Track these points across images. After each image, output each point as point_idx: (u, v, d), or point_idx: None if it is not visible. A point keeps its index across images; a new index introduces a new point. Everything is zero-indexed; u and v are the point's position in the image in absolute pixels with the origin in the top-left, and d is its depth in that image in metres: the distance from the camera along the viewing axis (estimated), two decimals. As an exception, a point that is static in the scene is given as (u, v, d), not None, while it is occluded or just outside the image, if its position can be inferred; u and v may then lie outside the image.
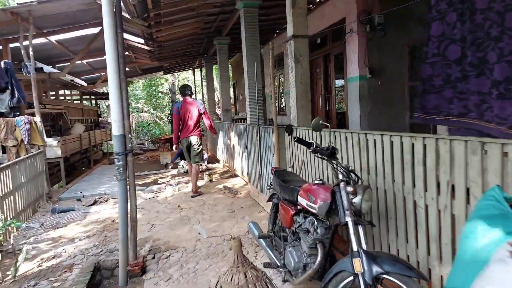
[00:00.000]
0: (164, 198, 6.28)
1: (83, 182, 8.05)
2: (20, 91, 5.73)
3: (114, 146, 3.43)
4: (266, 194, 4.92)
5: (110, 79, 3.36)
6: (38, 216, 5.69)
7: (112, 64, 3.36)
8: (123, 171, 3.44)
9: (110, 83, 3.36)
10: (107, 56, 3.32)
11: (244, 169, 6.52)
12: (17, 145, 6.28)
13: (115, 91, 3.36)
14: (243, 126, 6.22)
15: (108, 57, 3.33)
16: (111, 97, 3.38)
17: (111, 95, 3.38)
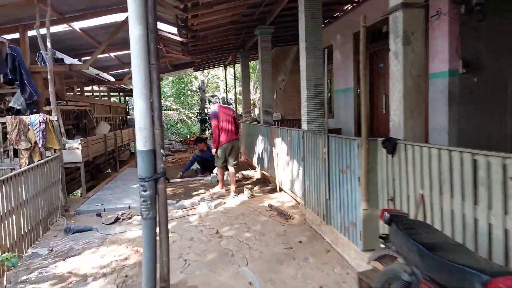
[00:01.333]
0: (198, 219, 5.16)
1: (106, 190, 7.09)
2: (31, 84, 4.77)
3: (139, 167, 2.30)
4: (339, 229, 3.67)
5: (135, 65, 2.23)
6: (50, 236, 4.71)
7: (137, 42, 2.23)
8: (150, 206, 2.31)
9: (135, 72, 2.24)
10: (130, 28, 2.20)
11: (295, 186, 5.30)
12: (30, 148, 5.35)
13: (141, 84, 2.23)
14: (298, 132, 5.00)
15: (132, 31, 2.21)
16: (135, 94, 2.26)
17: (136, 90, 2.25)
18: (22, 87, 4.57)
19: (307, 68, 4.78)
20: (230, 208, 5.52)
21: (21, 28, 6.01)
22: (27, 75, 4.66)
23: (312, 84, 4.81)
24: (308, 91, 4.81)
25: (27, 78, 4.59)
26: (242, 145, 10.62)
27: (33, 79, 4.87)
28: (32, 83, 4.79)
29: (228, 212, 5.33)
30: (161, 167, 2.32)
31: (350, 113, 8.18)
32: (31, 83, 4.72)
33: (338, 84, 8.83)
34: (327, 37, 9.19)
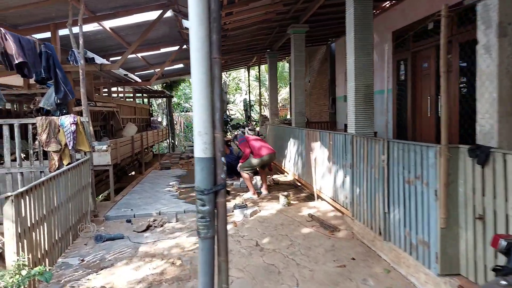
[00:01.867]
0: (233, 228, 4.82)
1: (134, 194, 6.86)
2: (66, 83, 4.55)
3: (197, 177, 1.97)
4: (401, 247, 3.25)
5: (194, 60, 1.90)
6: (80, 244, 4.46)
7: (197, 32, 1.90)
8: (209, 223, 1.96)
9: (194, 67, 1.90)
10: (190, 16, 1.86)
11: (339, 195, 4.90)
12: (60, 151, 5.15)
13: (201, 81, 1.89)
14: (344, 136, 4.61)
15: (191, 18, 1.88)
16: (194, 92, 1.92)
17: (195, 88, 1.91)
18: (57, 86, 4.35)
19: (356, 67, 4.39)
20: (266, 217, 5.16)
21: (53, 26, 5.84)
22: (62, 74, 4.45)
23: (361, 84, 4.41)
24: (357, 91, 4.41)
25: (62, 77, 4.37)
26: (270, 149, 10.27)
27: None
28: (67, 82, 4.57)
29: (265, 222, 4.98)
30: (222, 177, 1.97)
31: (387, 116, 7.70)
32: (66, 82, 4.51)
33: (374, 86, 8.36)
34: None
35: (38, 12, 5.67)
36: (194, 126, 1.97)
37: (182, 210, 5.59)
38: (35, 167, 5.20)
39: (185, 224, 5.07)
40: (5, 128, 5.05)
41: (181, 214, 5.46)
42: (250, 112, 15.91)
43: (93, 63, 6.09)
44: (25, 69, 4.05)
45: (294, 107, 7.71)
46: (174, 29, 8.05)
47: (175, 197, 6.57)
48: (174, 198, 6.51)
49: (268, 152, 6.26)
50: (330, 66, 11.21)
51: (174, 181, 7.92)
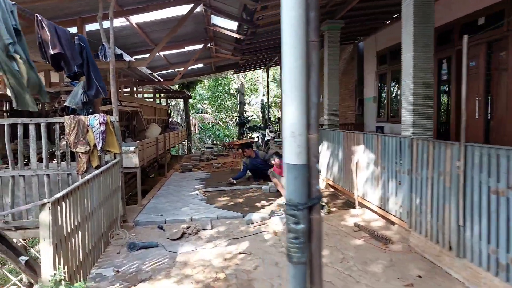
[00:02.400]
0: (274, 237, 4.46)
1: (160, 198, 6.55)
2: (99, 80, 4.24)
3: (288, 188, 1.61)
4: (482, 265, 2.84)
5: (287, 44, 1.55)
6: (112, 252, 4.15)
7: (292, 9, 1.55)
8: (303, 246, 1.61)
9: (286, 53, 1.56)
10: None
11: (389, 203, 4.49)
12: (89, 152, 4.85)
13: (294, 70, 1.55)
14: (397, 139, 4.21)
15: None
16: (285, 84, 1.57)
17: (287, 79, 1.57)
18: (89, 82, 4.05)
19: (415, 63, 3.99)
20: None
21: (79, 21, 5.57)
22: (95, 69, 4.14)
23: (420, 82, 4.01)
24: (415, 90, 4.01)
25: (95, 73, 4.07)
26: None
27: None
28: (100, 79, 4.27)
29: (307, 231, 4.60)
30: (317, 189, 1.62)
31: (426, 118, 7.25)
32: (99, 78, 4.20)
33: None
34: (395, 33, 8.34)
35: (65, 6, 5.40)
36: (284, 125, 1.61)
37: (215, 216, 5.25)
38: (62, 169, 4.91)
39: (221, 232, 4.72)
40: (31, 128, 4.78)
41: (214, 220, 5.12)
42: (268, 113, 15.53)
43: (122, 60, 5.80)
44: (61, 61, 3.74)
45: (328, 108, 7.32)
46: (200, 25, 7.75)
47: (204, 201, 6.24)
48: (203, 202, 6.18)
49: None
50: (358, 66, 10.78)
51: (199, 184, 7.60)
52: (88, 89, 4.17)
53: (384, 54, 9.01)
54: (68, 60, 3.73)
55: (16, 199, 5.03)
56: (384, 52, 8.99)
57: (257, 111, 23.64)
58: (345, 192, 6.09)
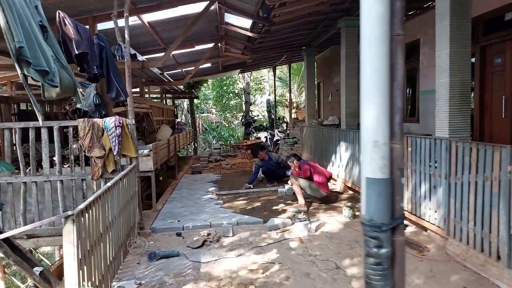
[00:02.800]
0: (301, 245, 4.24)
1: (174, 202, 6.34)
2: (120, 81, 4.01)
3: (367, 205, 1.39)
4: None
5: (367, 38, 1.34)
6: (132, 262, 3.94)
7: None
8: (387, 272, 1.39)
9: (366, 48, 1.35)
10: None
11: (420, 208, 4.28)
12: (104, 156, 4.64)
13: (377, 69, 1.34)
14: (432, 141, 3.99)
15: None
16: (365, 84, 1.36)
17: (367, 79, 1.36)
18: (109, 84, 3.82)
19: (451, 61, 3.76)
20: (335, 232, 4.57)
21: (91, 20, 5.36)
22: (115, 71, 3.91)
23: (457, 81, 3.78)
24: (452, 89, 3.78)
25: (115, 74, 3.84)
26: (307, 152, 9.66)
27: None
28: (120, 80, 4.04)
29: (334, 237, 4.39)
30: (401, 206, 1.40)
31: (446, 118, 7.01)
32: (119, 79, 3.98)
33: (426, 84, 7.69)
34: (411, 31, 8.11)
35: (76, 4, 5.18)
36: (363, 134, 1.40)
37: (234, 222, 5.04)
38: (77, 174, 4.71)
39: (243, 239, 4.51)
40: (43, 132, 4.59)
41: (234, 226, 4.91)
42: (275, 113, 15.29)
43: (136, 60, 5.59)
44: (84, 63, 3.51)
45: (345, 108, 7.10)
46: (212, 24, 7.54)
47: (220, 206, 6.03)
48: (219, 206, 5.97)
49: (327, 193, 5.82)
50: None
51: (212, 187, 7.39)
52: (108, 91, 3.94)
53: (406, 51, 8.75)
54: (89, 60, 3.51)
55: (28, 206, 4.83)
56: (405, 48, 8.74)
57: (262, 111, 23.41)
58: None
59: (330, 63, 14.04)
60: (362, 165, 1.41)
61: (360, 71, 1.40)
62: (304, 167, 5.71)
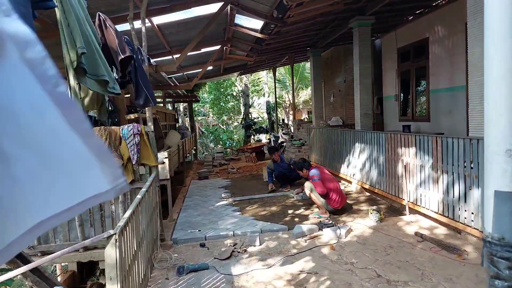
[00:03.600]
0: (333, 252, 4.09)
1: (190, 210, 6.14)
2: (148, 87, 3.79)
3: (498, 223, 1.24)
4: None
5: (496, 35, 1.20)
6: (160, 278, 3.74)
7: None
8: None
9: (494, 47, 1.21)
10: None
11: (454, 209, 4.16)
12: (122, 166, 4.44)
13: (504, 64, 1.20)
14: (466, 141, 3.87)
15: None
16: (491, 87, 1.22)
17: (494, 81, 1.22)
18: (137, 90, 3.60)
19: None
20: (365, 238, 4.43)
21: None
22: (143, 76, 3.70)
23: (494, 79, 3.67)
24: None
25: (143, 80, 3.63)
26: (316, 153, 9.53)
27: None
28: (149, 86, 3.82)
29: (367, 243, 4.25)
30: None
31: (460, 116, 6.96)
32: (148, 85, 3.76)
33: (437, 83, 7.63)
34: (420, 30, 8.05)
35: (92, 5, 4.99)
36: (490, 141, 1.25)
37: (258, 230, 4.87)
38: (94, 186, 4.48)
39: (271, 248, 4.34)
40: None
41: (260, 234, 4.74)
42: (276, 115, 15.16)
43: (150, 64, 5.39)
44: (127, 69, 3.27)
45: (360, 109, 6.98)
46: (220, 26, 7.37)
47: (238, 212, 5.86)
48: (237, 213, 5.79)
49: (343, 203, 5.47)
50: (374, 64, 10.48)
51: (225, 193, 7.19)
52: (136, 98, 3.73)
53: (407, 51, 8.71)
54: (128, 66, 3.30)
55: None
56: (407, 48, 8.68)
57: (261, 112, 23.26)
58: (387, 197, 5.75)
59: (331, 63, 13.98)
60: (487, 177, 1.25)
61: (485, 72, 1.26)
62: (316, 183, 5.32)
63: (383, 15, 7.15)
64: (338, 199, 5.33)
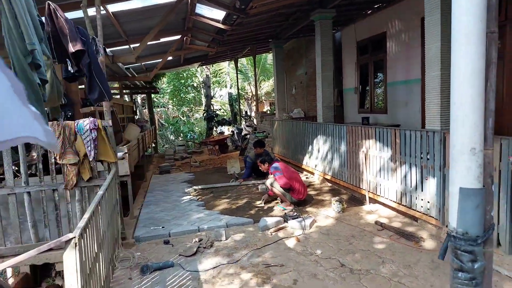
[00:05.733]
0: (298, 244, 4.15)
1: (152, 206, 5.96)
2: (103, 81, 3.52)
3: (462, 219, 1.29)
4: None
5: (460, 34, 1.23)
6: (123, 278, 3.60)
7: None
8: (480, 286, 1.31)
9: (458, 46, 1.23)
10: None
11: (410, 199, 4.37)
12: (79, 163, 4.19)
13: (471, 69, 1.24)
14: (423, 133, 4.06)
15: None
16: (456, 85, 1.26)
17: (458, 79, 1.26)
18: (91, 84, 3.33)
19: (442, 53, 3.82)
20: (328, 228, 4.54)
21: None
22: (98, 69, 3.42)
23: (447, 74, 3.86)
24: (443, 82, 3.85)
25: (98, 73, 3.36)
26: (279, 146, 9.61)
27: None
28: (104, 80, 3.55)
29: (330, 234, 4.36)
30: (491, 216, 1.32)
31: (415, 108, 7.30)
32: (103, 79, 3.49)
33: (394, 76, 7.94)
34: (378, 24, 8.30)
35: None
36: (456, 139, 1.29)
37: (224, 224, 4.83)
38: (47, 185, 4.20)
39: (238, 242, 4.33)
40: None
41: (225, 229, 4.70)
42: (239, 106, 15.08)
43: (106, 55, 5.08)
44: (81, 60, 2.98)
45: (322, 101, 7.09)
46: (180, 15, 7.12)
47: (203, 207, 5.77)
48: (202, 208, 5.71)
49: (306, 194, 5.58)
50: (334, 57, 10.68)
51: (188, 188, 7.05)
52: (90, 92, 3.48)
53: (366, 44, 8.96)
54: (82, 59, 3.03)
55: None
56: (365, 42, 8.94)
57: (223, 104, 23.03)
58: (348, 187, 5.94)
59: (292, 55, 14.09)
60: (453, 175, 1.30)
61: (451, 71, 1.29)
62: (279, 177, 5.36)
63: (343, 8, 7.27)
64: (302, 190, 5.43)
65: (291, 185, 5.36)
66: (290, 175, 5.48)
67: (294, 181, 5.41)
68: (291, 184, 5.36)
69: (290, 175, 5.47)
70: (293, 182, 5.39)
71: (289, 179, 5.37)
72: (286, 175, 5.43)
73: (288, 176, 5.41)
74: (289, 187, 5.36)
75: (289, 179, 5.37)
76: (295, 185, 5.39)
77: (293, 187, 5.38)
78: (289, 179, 5.36)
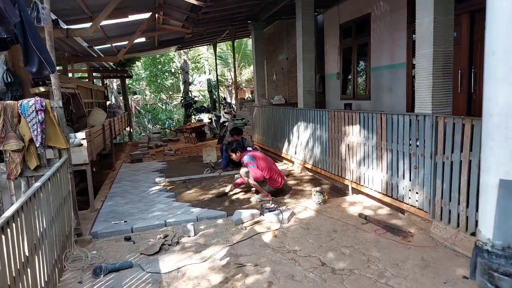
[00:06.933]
0: (275, 239, 3.75)
1: (116, 198, 5.43)
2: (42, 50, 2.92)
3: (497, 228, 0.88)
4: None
5: None
6: (72, 282, 3.10)
7: None
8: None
9: None
10: None
11: (396, 189, 4.04)
12: (23, 149, 3.63)
13: None
14: (412, 117, 3.70)
15: None
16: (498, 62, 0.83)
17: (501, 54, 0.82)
18: (27, 53, 2.74)
19: (435, 29, 3.44)
20: (309, 222, 4.16)
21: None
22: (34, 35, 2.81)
23: (440, 52, 3.49)
24: (435, 61, 3.48)
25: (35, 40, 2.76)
26: (259, 133, 9.17)
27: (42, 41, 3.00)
28: (43, 48, 2.95)
29: (310, 228, 3.97)
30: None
31: (399, 94, 6.98)
32: (42, 48, 2.90)
33: (378, 60, 7.58)
34: (362, 4, 7.90)
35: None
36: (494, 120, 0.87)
37: (194, 218, 4.38)
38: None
39: (208, 237, 3.89)
40: None
41: (195, 222, 4.24)
42: (218, 93, 14.50)
43: (58, 27, 4.45)
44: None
45: (303, 86, 6.66)
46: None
47: (173, 199, 5.29)
48: (172, 200, 5.23)
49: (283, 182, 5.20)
50: (316, 42, 10.25)
51: (159, 177, 6.53)
52: (27, 64, 2.89)
53: (349, 27, 8.56)
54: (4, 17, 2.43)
55: None
56: (349, 24, 8.53)
57: (202, 91, 22.35)
58: (330, 177, 5.58)
59: (273, 39, 13.56)
60: (487, 159, 0.88)
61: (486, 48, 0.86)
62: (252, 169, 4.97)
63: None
64: (278, 178, 5.05)
65: (266, 177, 4.95)
66: (266, 163, 5.07)
67: (269, 171, 5.00)
68: (267, 175, 4.96)
69: (266, 164, 5.05)
70: (269, 171, 4.99)
71: (264, 169, 4.96)
72: (262, 164, 5.02)
73: (264, 166, 5.00)
74: (263, 180, 4.96)
75: (264, 169, 4.96)
76: (272, 175, 5.00)
77: (270, 176, 4.99)
78: (264, 169, 4.96)
